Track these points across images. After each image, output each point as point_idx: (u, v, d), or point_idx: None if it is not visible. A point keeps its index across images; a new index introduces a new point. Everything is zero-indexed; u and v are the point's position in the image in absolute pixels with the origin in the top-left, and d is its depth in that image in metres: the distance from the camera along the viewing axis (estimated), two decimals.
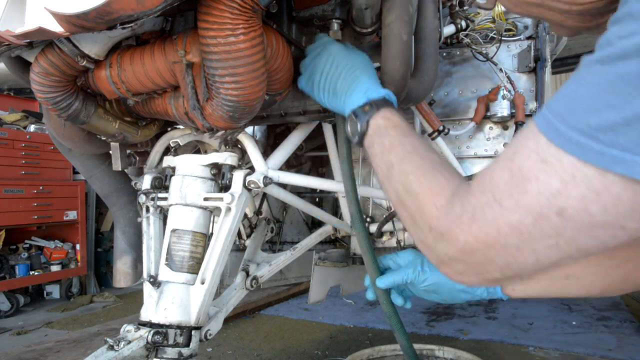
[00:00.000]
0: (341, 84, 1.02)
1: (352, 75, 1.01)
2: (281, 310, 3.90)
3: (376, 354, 1.79)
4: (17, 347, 3.19)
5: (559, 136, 0.51)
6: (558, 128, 0.51)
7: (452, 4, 1.78)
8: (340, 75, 1.03)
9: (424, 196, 0.70)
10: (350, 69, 1.03)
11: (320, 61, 1.08)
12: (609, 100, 0.47)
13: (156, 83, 1.17)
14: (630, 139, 0.46)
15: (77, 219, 4.65)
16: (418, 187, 0.72)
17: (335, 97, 1.03)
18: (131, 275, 1.71)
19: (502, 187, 0.56)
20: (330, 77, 1.05)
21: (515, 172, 0.55)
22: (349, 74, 1.01)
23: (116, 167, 1.53)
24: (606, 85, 0.47)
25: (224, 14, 0.93)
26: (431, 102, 1.87)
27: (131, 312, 4.09)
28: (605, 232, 0.52)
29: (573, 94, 0.51)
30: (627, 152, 0.46)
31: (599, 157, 0.48)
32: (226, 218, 1.29)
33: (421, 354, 1.79)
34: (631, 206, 0.49)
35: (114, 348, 1.17)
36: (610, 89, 0.47)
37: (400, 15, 1.14)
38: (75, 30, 0.88)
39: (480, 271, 0.63)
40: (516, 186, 0.55)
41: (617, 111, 0.46)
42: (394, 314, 1.15)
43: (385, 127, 0.87)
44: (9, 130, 4.26)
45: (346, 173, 1.20)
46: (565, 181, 0.50)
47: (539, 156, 0.53)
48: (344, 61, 1.05)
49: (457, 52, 1.93)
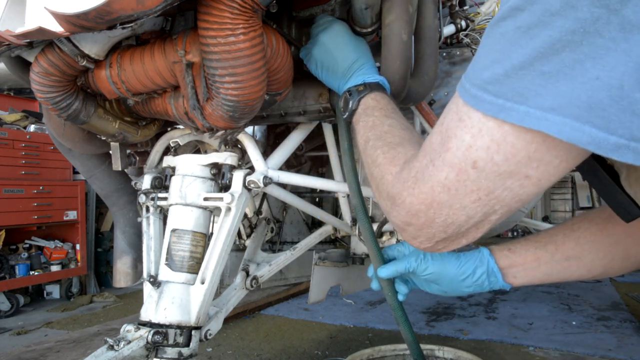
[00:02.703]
0: (342, 64, 1.09)
1: (353, 57, 1.08)
2: (281, 310, 3.90)
3: (376, 354, 1.78)
4: (17, 347, 3.19)
5: (466, 94, 0.57)
6: (465, 87, 0.58)
7: (452, 4, 1.78)
8: (342, 56, 1.09)
9: (384, 166, 0.78)
10: (352, 51, 1.10)
11: (324, 38, 1.13)
12: (495, 56, 0.53)
13: (156, 83, 1.17)
14: (510, 89, 0.52)
15: (77, 219, 4.64)
16: (382, 159, 0.80)
17: (334, 75, 1.11)
18: (131, 275, 1.71)
19: (435, 147, 0.63)
20: (332, 55, 1.11)
21: (444, 133, 0.61)
22: (350, 55, 1.09)
23: (116, 167, 1.53)
24: (492, 44, 0.54)
25: (224, 13, 0.93)
26: (431, 102, 1.87)
27: (131, 312, 4.09)
28: (513, 182, 0.57)
29: (476, 56, 0.58)
30: (509, 100, 0.52)
31: (490, 107, 0.54)
32: (226, 218, 1.29)
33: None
34: (526, 154, 0.54)
35: (114, 348, 1.17)
36: (495, 47, 0.54)
37: (400, 15, 1.14)
38: (75, 30, 0.88)
39: (427, 233, 0.69)
40: (443, 145, 0.61)
41: (499, 64, 0.52)
42: (398, 306, 1.13)
43: (372, 108, 0.96)
44: (9, 130, 4.25)
45: (348, 165, 1.19)
46: (474, 135, 0.56)
47: (457, 115, 0.59)
48: (348, 43, 1.11)
49: (457, 52, 1.93)
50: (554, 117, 0.49)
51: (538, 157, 0.54)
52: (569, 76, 0.48)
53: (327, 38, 1.12)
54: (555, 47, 0.48)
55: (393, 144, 0.82)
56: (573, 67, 0.48)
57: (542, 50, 0.49)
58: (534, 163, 0.55)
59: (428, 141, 0.66)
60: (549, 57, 0.49)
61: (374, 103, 0.97)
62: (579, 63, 0.47)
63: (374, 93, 1.00)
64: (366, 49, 1.15)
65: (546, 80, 0.49)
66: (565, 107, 0.49)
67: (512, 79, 0.51)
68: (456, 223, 0.65)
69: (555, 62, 0.48)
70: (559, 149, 0.54)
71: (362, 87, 1.02)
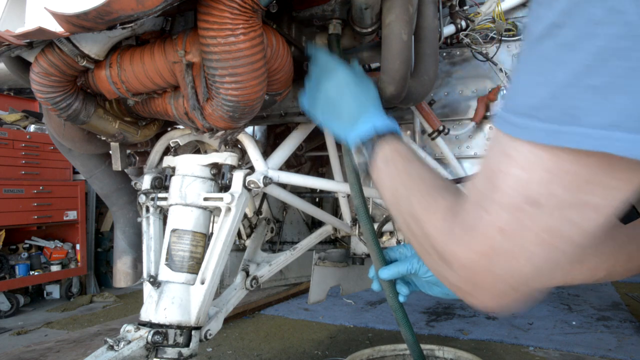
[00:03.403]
0: (348, 112, 1.00)
1: (359, 103, 0.99)
2: (281, 310, 3.90)
3: (376, 354, 1.79)
4: (17, 347, 3.19)
5: (509, 125, 0.53)
6: (506, 118, 0.53)
7: (452, 4, 1.78)
8: (347, 102, 1.01)
9: (425, 219, 0.69)
10: (358, 97, 1.01)
11: (326, 84, 1.05)
12: (537, 79, 0.50)
13: (156, 83, 1.17)
14: (560, 111, 0.48)
15: (77, 219, 4.64)
16: (419, 210, 0.71)
17: (340, 124, 1.02)
18: (131, 275, 1.71)
19: (483, 190, 0.57)
20: (336, 103, 1.03)
21: (489, 174, 0.57)
22: (357, 102, 1.00)
23: (116, 167, 1.53)
24: (532, 68, 0.51)
25: (223, 14, 0.93)
26: (431, 102, 1.87)
27: (131, 312, 4.09)
28: (576, 214, 0.52)
29: (514, 85, 0.54)
30: (562, 124, 0.48)
31: (540, 134, 0.49)
32: (226, 218, 1.29)
33: None
34: (586, 180, 0.50)
35: (114, 348, 1.17)
36: (536, 70, 0.50)
37: (400, 15, 1.14)
38: (75, 30, 0.88)
39: (490, 289, 0.60)
40: (491, 186, 0.56)
41: (544, 87, 0.49)
42: (399, 307, 1.13)
43: (392, 156, 0.87)
44: (9, 130, 4.25)
45: (350, 166, 1.18)
46: (525, 168, 0.52)
47: (503, 151, 0.54)
48: (351, 88, 1.03)
49: (457, 52, 1.93)
50: (616, 134, 0.45)
51: (599, 181, 0.50)
52: (624, 86, 0.44)
53: (332, 87, 1.05)
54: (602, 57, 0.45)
55: (426, 192, 0.74)
56: (627, 76, 0.44)
57: (589, 63, 0.45)
58: (595, 189, 0.50)
59: (472, 186, 0.60)
60: (597, 69, 0.45)
61: (391, 151, 0.89)
62: (633, 70, 0.44)
63: (389, 140, 0.91)
64: (371, 90, 1.06)
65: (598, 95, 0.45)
66: (626, 121, 0.44)
67: (560, 100, 0.47)
68: (520, 272, 0.57)
69: (605, 73, 0.45)
70: (621, 170, 0.49)
71: (376, 136, 0.92)
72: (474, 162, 1.87)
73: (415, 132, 1.87)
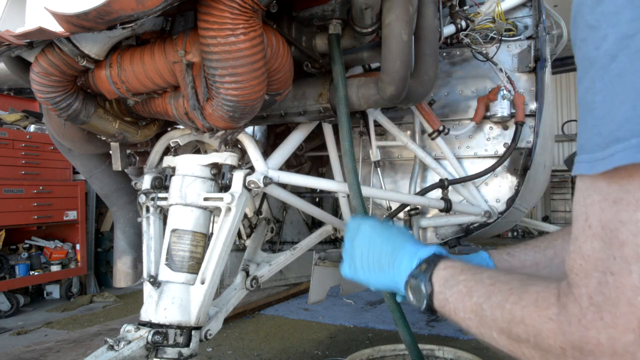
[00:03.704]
0: (385, 258, 0.93)
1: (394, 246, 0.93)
2: (281, 310, 3.90)
3: (376, 354, 1.79)
4: (17, 347, 3.19)
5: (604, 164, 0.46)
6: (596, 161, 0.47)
7: (452, 4, 1.78)
8: (382, 250, 0.95)
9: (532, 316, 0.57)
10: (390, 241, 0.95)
11: (358, 243, 1.00)
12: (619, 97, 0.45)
13: (156, 83, 1.17)
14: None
15: (77, 219, 4.65)
16: (520, 311, 0.59)
17: (382, 273, 0.94)
18: (131, 275, 1.71)
19: (601, 256, 0.48)
20: (372, 255, 0.97)
21: (602, 234, 0.48)
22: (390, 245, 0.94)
23: (116, 167, 1.53)
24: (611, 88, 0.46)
25: (224, 14, 0.93)
26: (431, 102, 1.87)
27: (131, 312, 4.09)
28: None
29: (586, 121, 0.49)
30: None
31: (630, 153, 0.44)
32: (226, 218, 1.29)
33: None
34: None
35: (114, 348, 1.17)
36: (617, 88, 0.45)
37: (400, 15, 1.14)
38: (75, 30, 0.88)
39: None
40: (612, 245, 0.47)
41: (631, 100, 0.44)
42: (396, 308, 1.12)
43: (452, 276, 0.77)
44: (9, 130, 4.26)
45: (349, 166, 1.20)
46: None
47: (607, 201, 0.47)
48: (381, 236, 0.98)
49: (457, 52, 1.93)
50: None
51: None
52: None
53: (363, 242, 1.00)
54: None
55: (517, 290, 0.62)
56: None
57: None
58: None
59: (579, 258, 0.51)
60: None
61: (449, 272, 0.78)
62: None
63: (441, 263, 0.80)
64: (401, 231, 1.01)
65: None
66: None
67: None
68: None
69: None
70: None
71: (425, 265, 0.82)
72: (474, 162, 1.87)
73: (415, 132, 1.88)
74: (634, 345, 0.46)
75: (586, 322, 0.50)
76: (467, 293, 0.71)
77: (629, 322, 0.46)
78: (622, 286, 0.46)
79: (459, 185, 1.81)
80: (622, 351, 0.47)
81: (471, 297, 0.70)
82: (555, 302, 0.55)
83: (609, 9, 0.46)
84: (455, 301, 0.73)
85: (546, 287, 0.58)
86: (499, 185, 1.85)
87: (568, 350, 0.52)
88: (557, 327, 0.53)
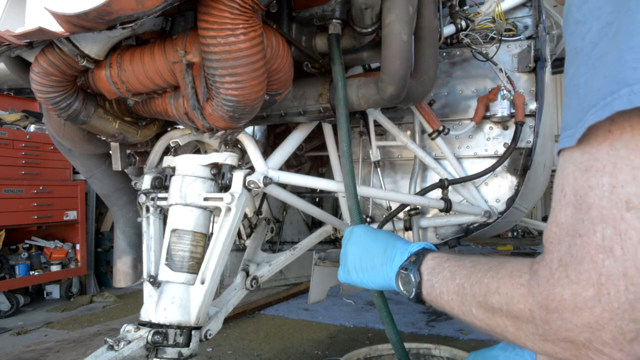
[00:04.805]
0: (378, 258, 0.98)
1: (386, 246, 0.98)
2: (281, 310, 3.90)
3: (373, 353, 1.79)
4: (17, 347, 3.19)
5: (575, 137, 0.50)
6: (570, 135, 0.51)
7: (452, 4, 1.78)
8: (375, 251, 1.00)
9: (506, 285, 0.61)
10: (381, 242, 1.01)
11: (350, 247, 1.07)
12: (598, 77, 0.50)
13: (156, 83, 1.17)
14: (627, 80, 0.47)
15: (77, 219, 4.65)
16: (496, 282, 0.63)
17: (375, 272, 0.99)
18: (131, 275, 1.71)
19: (571, 220, 0.51)
20: (365, 257, 1.02)
21: (573, 199, 0.51)
22: (382, 246, 0.99)
23: (116, 167, 1.53)
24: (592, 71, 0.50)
25: (223, 14, 0.93)
26: (431, 102, 1.87)
27: (131, 312, 4.09)
28: None
29: (570, 102, 0.53)
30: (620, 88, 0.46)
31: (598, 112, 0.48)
32: (226, 218, 1.29)
33: (418, 353, 1.80)
34: None
35: (114, 348, 1.17)
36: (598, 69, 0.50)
37: (400, 15, 1.14)
38: (75, 30, 0.88)
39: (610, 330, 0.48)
40: (581, 209, 0.50)
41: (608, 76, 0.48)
42: (384, 306, 1.17)
43: (438, 264, 0.82)
44: (9, 130, 4.26)
45: (346, 167, 1.23)
46: (611, 172, 0.48)
47: (579, 170, 0.51)
48: (373, 239, 1.04)
49: (457, 52, 1.93)
50: None
51: None
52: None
53: (355, 245, 1.06)
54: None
55: (495, 266, 0.66)
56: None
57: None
58: None
59: (554, 226, 0.54)
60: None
61: (435, 261, 0.83)
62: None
63: (429, 255, 0.86)
64: (392, 234, 1.07)
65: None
66: None
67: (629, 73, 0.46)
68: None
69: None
70: None
71: (414, 257, 0.88)
72: (474, 162, 1.87)
73: (415, 132, 1.88)
74: (593, 300, 0.49)
75: (554, 281, 0.52)
76: (451, 277, 0.75)
77: (590, 278, 0.49)
78: (587, 245, 0.49)
79: (459, 185, 1.81)
80: (582, 305, 0.49)
81: (454, 279, 0.74)
82: (527, 271, 0.58)
83: (594, 5, 0.51)
84: (441, 286, 0.78)
85: (521, 261, 0.61)
86: (499, 185, 1.85)
87: (536, 312, 0.55)
88: (527, 291, 0.56)
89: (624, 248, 0.47)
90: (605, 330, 0.49)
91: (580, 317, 0.50)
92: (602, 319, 0.48)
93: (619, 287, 0.47)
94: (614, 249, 0.47)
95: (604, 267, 0.48)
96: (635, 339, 0.48)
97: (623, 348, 0.49)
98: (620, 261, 0.47)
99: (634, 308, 0.47)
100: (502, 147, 1.82)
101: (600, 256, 0.48)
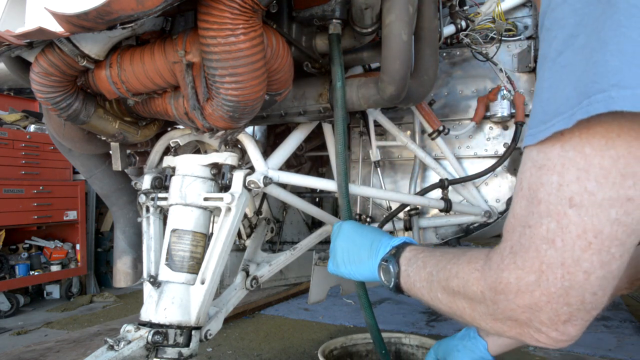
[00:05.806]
0: (365, 251, 1.04)
1: (372, 240, 1.04)
2: (281, 310, 3.90)
3: (349, 342, 1.88)
4: (17, 347, 3.19)
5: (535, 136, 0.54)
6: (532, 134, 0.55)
7: (452, 4, 1.78)
8: (361, 245, 1.06)
9: (464, 270, 0.67)
10: (368, 237, 1.06)
11: (338, 242, 1.13)
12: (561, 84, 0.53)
13: (156, 83, 1.17)
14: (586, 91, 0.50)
15: (77, 219, 4.64)
16: (456, 267, 0.70)
17: (362, 264, 1.05)
18: (131, 275, 1.71)
19: (524, 211, 0.57)
20: (352, 251, 1.08)
21: (528, 194, 0.56)
22: (369, 240, 1.05)
23: (116, 167, 1.53)
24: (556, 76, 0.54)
25: (224, 14, 0.93)
26: (431, 102, 1.87)
27: (131, 312, 4.09)
28: (618, 211, 0.50)
29: (535, 104, 0.57)
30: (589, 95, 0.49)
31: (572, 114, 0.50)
32: (226, 218, 1.29)
33: (389, 342, 1.87)
34: (618, 172, 0.50)
35: (114, 348, 1.17)
36: (561, 76, 0.53)
37: (400, 15, 1.14)
38: (75, 30, 0.88)
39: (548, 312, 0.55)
40: (531, 202, 0.55)
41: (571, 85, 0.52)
42: (364, 294, 1.28)
43: (414, 256, 0.88)
44: (9, 130, 4.25)
45: (340, 168, 1.27)
46: (560, 172, 0.53)
47: (534, 167, 0.55)
48: (360, 234, 1.10)
49: (457, 52, 1.93)
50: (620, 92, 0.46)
51: (631, 172, 0.50)
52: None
53: (344, 240, 1.12)
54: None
55: (459, 256, 0.72)
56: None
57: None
58: (629, 181, 0.50)
59: (512, 215, 0.59)
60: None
61: (412, 253, 0.90)
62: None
63: (408, 248, 0.93)
64: (377, 230, 1.13)
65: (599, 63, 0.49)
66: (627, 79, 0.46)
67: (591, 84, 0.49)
68: (576, 285, 0.53)
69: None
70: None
71: (394, 250, 0.95)
72: (474, 162, 1.87)
73: (415, 132, 1.88)
74: (534, 285, 0.55)
75: (503, 266, 0.58)
76: (423, 266, 0.83)
77: (533, 265, 0.55)
78: (534, 236, 0.55)
79: (459, 185, 1.81)
80: (524, 289, 0.56)
81: (425, 268, 0.81)
82: (483, 257, 0.65)
83: (559, 15, 0.54)
84: (414, 275, 0.85)
85: (481, 249, 0.68)
86: (498, 185, 1.85)
87: (486, 293, 0.61)
88: (480, 275, 0.63)
89: (564, 240, 0.52)
90: (542, 311, 0.55)
91: (522, 299, 0.56)
92: (540, 302, 0.55)
93: (556, 274, 0.53)
94: (556, 240, 0.53)
95: (546, 257, 0.54)
96: (569, 321, 0.55)
97: (558, 328, 0.56)
98: (560, 252, 0.53)
99: (568, 294, 0.54)
100: (502, 147, 1.82)
101: (544, 246, 0.54)
